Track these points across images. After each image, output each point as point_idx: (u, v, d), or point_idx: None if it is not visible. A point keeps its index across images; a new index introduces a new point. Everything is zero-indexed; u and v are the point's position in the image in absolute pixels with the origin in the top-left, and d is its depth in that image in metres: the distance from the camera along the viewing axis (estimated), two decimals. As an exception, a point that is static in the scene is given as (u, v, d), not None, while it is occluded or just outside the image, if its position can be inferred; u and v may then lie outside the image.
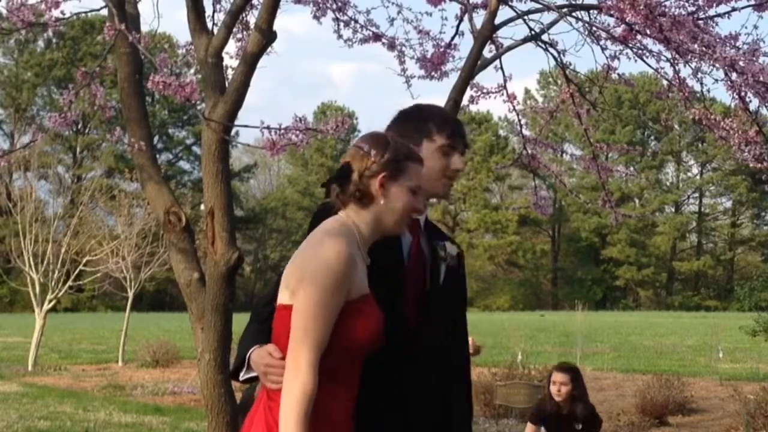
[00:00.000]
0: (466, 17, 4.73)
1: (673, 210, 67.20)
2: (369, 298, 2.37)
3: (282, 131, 2.67)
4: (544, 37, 4.89)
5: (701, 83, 4.48)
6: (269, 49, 3.68)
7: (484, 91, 5.14)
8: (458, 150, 2.65)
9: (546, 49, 5.03)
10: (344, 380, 2.35)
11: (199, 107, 3.61)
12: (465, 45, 5.88)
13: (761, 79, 3.84)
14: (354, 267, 2.29)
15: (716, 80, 4.26)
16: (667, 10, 3.78)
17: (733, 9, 4.10)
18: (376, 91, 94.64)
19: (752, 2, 4.09)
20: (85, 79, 3.40)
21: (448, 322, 2.61)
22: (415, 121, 2.66)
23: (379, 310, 2.39)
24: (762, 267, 48.80)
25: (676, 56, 4.28)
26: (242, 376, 2.46)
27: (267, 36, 3.50)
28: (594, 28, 4.71)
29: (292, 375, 2.22)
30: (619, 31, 4.44)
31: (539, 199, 5.60)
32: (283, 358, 2.29)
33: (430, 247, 2.61)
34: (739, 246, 66.11)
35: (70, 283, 17.88)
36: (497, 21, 4.55)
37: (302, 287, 2.25)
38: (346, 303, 2.29)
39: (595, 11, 4.56)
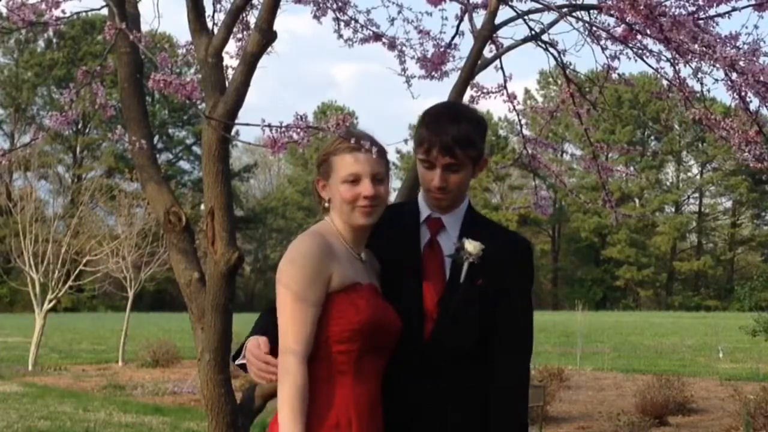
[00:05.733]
0: (466, 17, 4.73)
1: (673, 210, 67.17)
2: (363, 288, 2.42)
3: (283, 129, 2.67)
4: (544, 37, 4.89)
5: (701, 83, 4.48)
6: (270, 49, 3.67)
7: (485, 91, 5.13)
8: (434, 163, 2.51)
9: (546, 49, 5.03)
10: (351, 369, 2.37)
11: (199, 106, 3.61)
12: (465, 45, 5.88)
13: (761, 79, 3.84)
14: (329, 258, 2.38)
15: (716, 80, 4.26)
16: (667, 10, 3.78)
17: (734, 9, 4.09)
18: (377, 92, 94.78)
19: (752, 2, 4.08)
20: (85, 78, 3.40)
21: (461, 323, 2.52)
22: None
23: (381, 301, 2.44)
24: (762, 267, 48.74)
25: (676, 56, 4.28)
26: (236, 361, 2.52)
27: (267, 36, 3.49)
28: (594, 28, 4.71)
29: (283, 370, 2.31)
30: (619, 31, 4.44)
31: (539, 199, 5.59)
32: (269, 352, 2.39)
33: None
34: (739, 246, 66.08)
35: (70, 283, 17.89)
36: (497, 21, 4.55)
37: (278, 287, 2.37)
38: (329, 293, 2.37)
39: (595, 11, 4.56)
